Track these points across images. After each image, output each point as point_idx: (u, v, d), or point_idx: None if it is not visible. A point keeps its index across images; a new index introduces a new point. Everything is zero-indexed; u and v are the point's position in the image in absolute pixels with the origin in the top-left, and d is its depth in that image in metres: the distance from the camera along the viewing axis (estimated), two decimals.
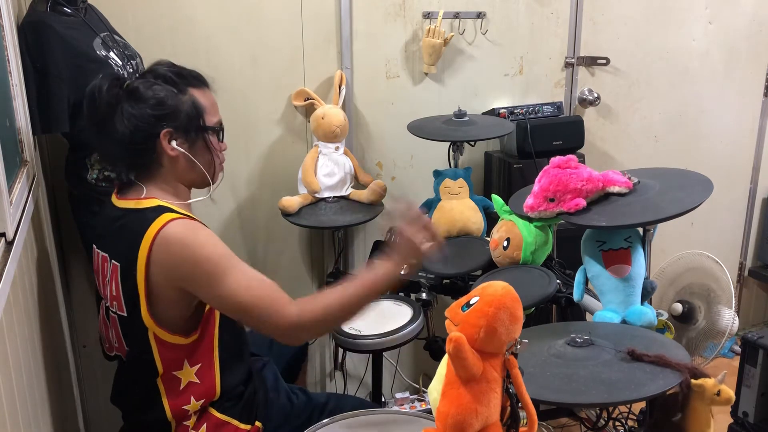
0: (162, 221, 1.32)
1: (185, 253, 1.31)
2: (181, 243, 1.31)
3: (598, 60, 2.62)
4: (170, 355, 1.38)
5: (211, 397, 1.44)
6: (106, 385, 1.52)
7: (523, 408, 1.04)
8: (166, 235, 1.31)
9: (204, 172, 1.45)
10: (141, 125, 1.36)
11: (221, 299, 1.33)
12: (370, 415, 1.41)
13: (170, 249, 1.31)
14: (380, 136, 2.43)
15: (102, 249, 1.43)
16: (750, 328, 3.16)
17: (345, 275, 2.32)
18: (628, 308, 1.50)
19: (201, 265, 1.31)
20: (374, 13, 2.30)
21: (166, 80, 1.40)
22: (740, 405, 1.86)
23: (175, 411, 1.40)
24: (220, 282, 1.31)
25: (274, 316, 1.31)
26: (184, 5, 2.10)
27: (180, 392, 1.40)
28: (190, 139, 1.42)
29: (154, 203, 1.37)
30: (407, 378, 2.64)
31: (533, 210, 1.55)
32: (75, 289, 2.15)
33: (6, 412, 1.04)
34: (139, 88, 1.38)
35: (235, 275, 1.31)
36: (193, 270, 1.31)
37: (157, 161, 1.41)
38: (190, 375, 1.40)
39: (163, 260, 1.31)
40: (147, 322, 1.35)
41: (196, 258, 1.31)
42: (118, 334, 1.43)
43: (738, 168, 3.02)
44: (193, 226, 1.35)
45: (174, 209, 1.37)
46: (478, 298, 1.02)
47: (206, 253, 1.31)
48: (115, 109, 1.37)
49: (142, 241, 1.31)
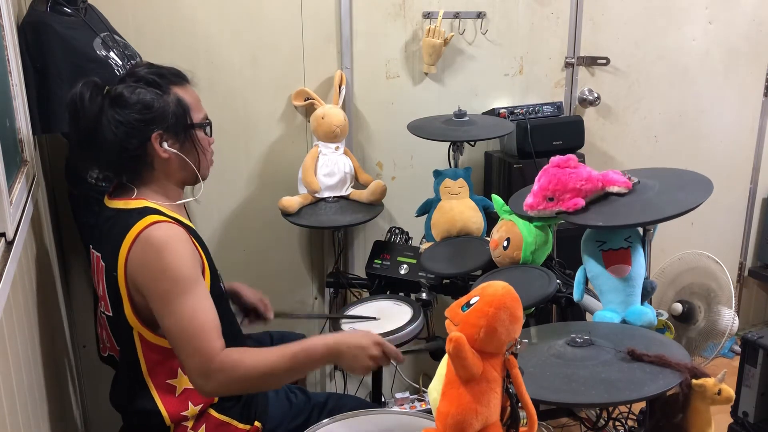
0: (145, 223, 1.31)
1: (155, 258, 1.29)
2: (155, 248, 1.30)
3: (598, 60, 2.62)
4: (155, 356, 1.37)
5: (209, 401, 1.43)
6: (105, 385, 1.52)
7: (523, 408, 1.04)
8: (145, 237, 1.30)
9: (195, 170, 1.44)
10: (131, 131, 1.35)
11: (166, 314, 1.30)
12: (370, 415, 1.41)
13: (144, 250, 1.30)
14: (380, 136, 2.43)
15: (96, 249, 1.44)
16: (750, 328, 3.16)
17: (345, 275, 2.33)
18: (628, 308, 1.50)
19: (165, 273, 1.29)
20: (374, 13, 2.30)
21: (148, 82, 1.39)
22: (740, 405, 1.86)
23: (174, 417, 1.40)
24: (173, 298, 1.29)
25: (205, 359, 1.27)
26: (184, 5, 2.10)
27: (177, 399, 1.40)
28: (180, 139, 1.41)
29: (142, 204, 1.37)
30: (407, 378, 2.64)
31: (532, 209, 1.55)
32: (75, 289, 2.15)
33: (6, 412, 1.04)
34: (123, 93, 1.36)
35: (191, 300, 1.29)
36: (155, 277, 1.30)
37: (148, 164, 1.40)
38: (185, 383, 1.39)
39: (135, 261, 1.31)
40: (131, 321, 1.35)
41: (162, 267, 1.29)
42: (109, 334, 1.44)
43: (738, 168, 3.02)
44: (174, 233, 1.33)
45: (162, 211, 1.37)
46: (478, 298, 1.02)
47: (175, 265, 1.30)
48: (100, 117, 1.35)
49: (124, 240, 1.31)
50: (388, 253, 2.19)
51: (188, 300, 1.29)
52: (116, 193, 1.43)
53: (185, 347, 1.29)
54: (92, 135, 1.36)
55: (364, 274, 2.25)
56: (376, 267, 2.17)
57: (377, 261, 2.18)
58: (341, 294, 2.44)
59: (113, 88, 1.38)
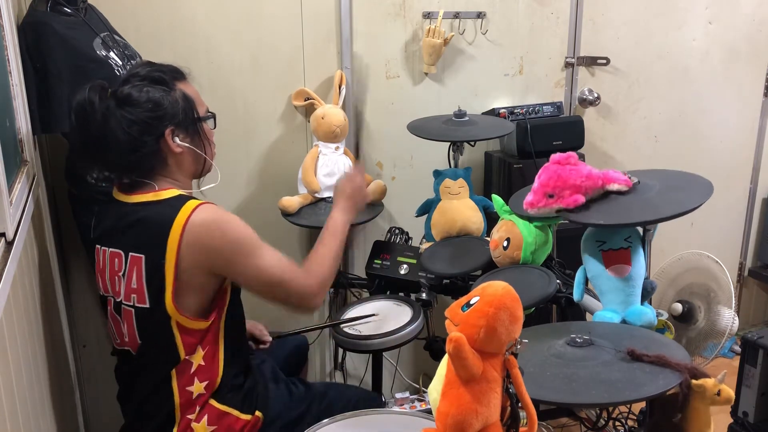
0: (189, 208, 1.36)
1: (221, 236, 1.37)
2: (216, 227, 1.37)
3: (598, 60, 2.62)
4: (191, 339, 1.42)
5: (213, 379, 1.45)
6: (106, 385, 1.52)
7: (523, 408, 1.04)
8: (199, 221, 1.35)
9: (204, 161, 1.51)
10: (145, 129, 1.39)
11: (256, 274, 1.41)
12: (370, 415, 1.41)
13: (205, 233, 1.36)
14: (380, 136, 2.43)
15: (111, 246, 1.44)
16: (750, 328, 3.16)
17: (345, 275, 2.33)
18: (628, 308, 1.50)
19: (237, 243, 1.38)
20: (374, 13, 2.30)
21: (154, 80, 1.42)
22: (740, 405, 1.86)
23: (183, 396, 1.42)
24: (254, 257, 1.40)
25: (302, 285, 1.46)
26: (184, 5, 2.10)
27: (190, 375, 1.43)
28: (190, 133, 1.46)
29: (175, 193, 1.42)
30: (407, 378, 2.64)
31: (533, 207, 1.55)
32: (75, 289, 2.15)
33: (6, 412, 1.04)
34: (131, 94, 1.39)
35: (265, 251, 1.42)
36: (231, 249, 1.38)
37: (161, 160, 1.43)
38: (199, 358, 1.43)
39: (196, 244, 1.35)
40: (170, 310, 1.38)
41: (231, 237, 1.38)
42: (132, 327, 1.44)
43: (738, 168, 3.02)
44: (218, 208, 1.41)
45: (194, 196, 1.43)
46: (478, 298, 1.02)
47: (240, 232, 1.40)
48: (110, 119, 1.37)
49: (171, 229, 1.34)
50: (388, 253, 2.19)
51: (265, 251, 1.42)
52: (130, 188, 1.45)
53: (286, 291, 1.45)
54: (103, 138, 1.38)
55: (364, 274, 2.25)
56: (376, 267, 2.17)
57: (377, 261, 2.18)
58: (341, 294, 2.44)
59: (120, 90, 1.41)
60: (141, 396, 1.47)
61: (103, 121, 1.37)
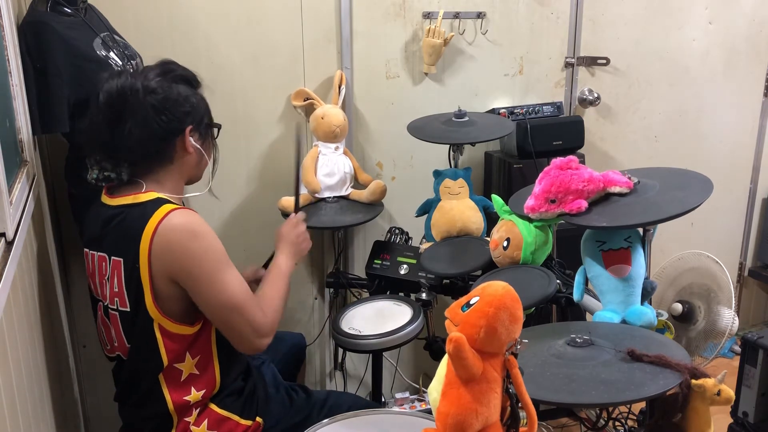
0: (163, 212, 1.34)
1: (189, 241, 1.33)
2: (187, 232, 1.33)
3: (598, 60, 2.62)
4: (175, 346, 1.40)
5: (211, 387, 1.45)
6: (105, 385, 1.52)
7: (523, 408, 1.04)
8: (169, 225, 1.33)
9: (205, 168, 1.52)
10: (171, 120, 1.39)
11: (218, 292, 1.35)
12: (370, 415, 1.41)
13: (174, 238, 1.32)
14: (380, 136, 2.43)
15: (98, 250, 1.43)
16: (750, 328, 3.17)
17: (345, 275, 2.33)
18: (628, 308, 1.50)
19: (205, 253, 1.34)
20: (374, 13, 2.30)
21: (183, 79, 1.45)
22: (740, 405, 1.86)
23: (177, 403, 1.41)
24: (220, 273, 1.35)
25: (259, 318, 1.40)
26: (184, 5, 2.10)
27: (181, 384, 1.42)
28: (203, 136, 1.47)
29: (153, 196, 1.39)
30: (407, 378, 2.64)
31: (534, 211, 1.55)
32: (75, 289, 2.15)
33: (6, 412, 1.04)
34: (162, 86, 1.40)
35: (232, 271, 1.37)
36: (197, 258, 1.33)
37: (168, 158, 1.43)
38: (191, 367, 1.42)
39: (165, 249, 1.32)
40: (152, 313, 1.36)
41: (199, 246, 1.34)
42: (119, 331, 1.43)
43: (738, 168, 3.02)
44: (194, 215, 1.38)
45: (173, 201, 1.40)
46: (478, 298, 1.02)
47: (211, 243, 1.35)
48: (143, 103, 1.37)
49: (143, 232, 1.32)
50: (388, 253, 2.19)
51: (232, 273, 1.37)
52: (117, 190, 1.43)
53: (239, 318, 1.38)
54: (130, 120, 1.36)
55: (364, 274, 2.25)
56: (376, 267, 2.17)
57: (377, 261, 2.18)
58: (341, 294, 2.44)
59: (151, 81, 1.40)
60: (136, 399, 1.46)
61: (130, 108, 1.36)
